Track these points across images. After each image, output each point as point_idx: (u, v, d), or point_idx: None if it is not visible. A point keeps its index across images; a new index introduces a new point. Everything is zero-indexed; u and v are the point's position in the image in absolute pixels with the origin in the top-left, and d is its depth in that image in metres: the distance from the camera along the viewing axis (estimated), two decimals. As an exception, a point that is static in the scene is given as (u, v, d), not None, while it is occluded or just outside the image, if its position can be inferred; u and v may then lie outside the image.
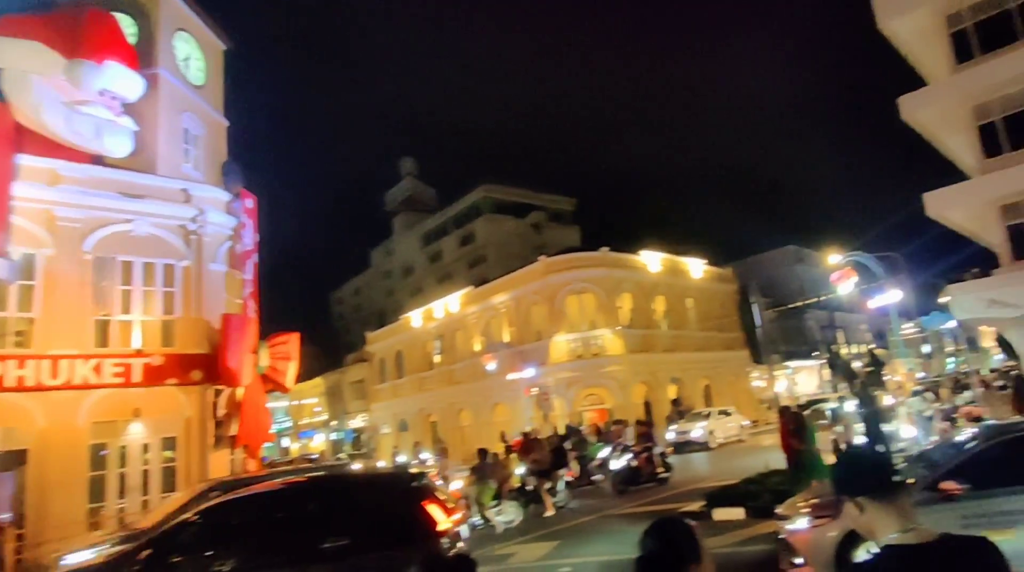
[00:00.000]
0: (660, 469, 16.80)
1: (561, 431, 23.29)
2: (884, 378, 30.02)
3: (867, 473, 1.79)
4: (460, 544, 7.12)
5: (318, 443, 51.69)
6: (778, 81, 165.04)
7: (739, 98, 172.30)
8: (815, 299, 40.89)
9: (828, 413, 21.86)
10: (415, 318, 41.19)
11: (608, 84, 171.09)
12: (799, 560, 6.65)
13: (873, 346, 47.72)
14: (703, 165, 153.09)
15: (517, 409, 29.55)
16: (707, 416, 27.05)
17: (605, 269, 31.45)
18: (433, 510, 6.94)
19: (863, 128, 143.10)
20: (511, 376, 28.57)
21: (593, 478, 17.38)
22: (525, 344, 31.73)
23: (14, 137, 12.88)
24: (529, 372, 27.54)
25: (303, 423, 55.20)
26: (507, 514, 13.33)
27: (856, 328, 52.32)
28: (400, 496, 7.25)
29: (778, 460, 11.70)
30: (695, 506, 11.86)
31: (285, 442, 51.69)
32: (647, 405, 31.32)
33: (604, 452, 18.36)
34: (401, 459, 30.26)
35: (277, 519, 6.86)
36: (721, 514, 10.74)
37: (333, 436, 51.20)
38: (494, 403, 33.53)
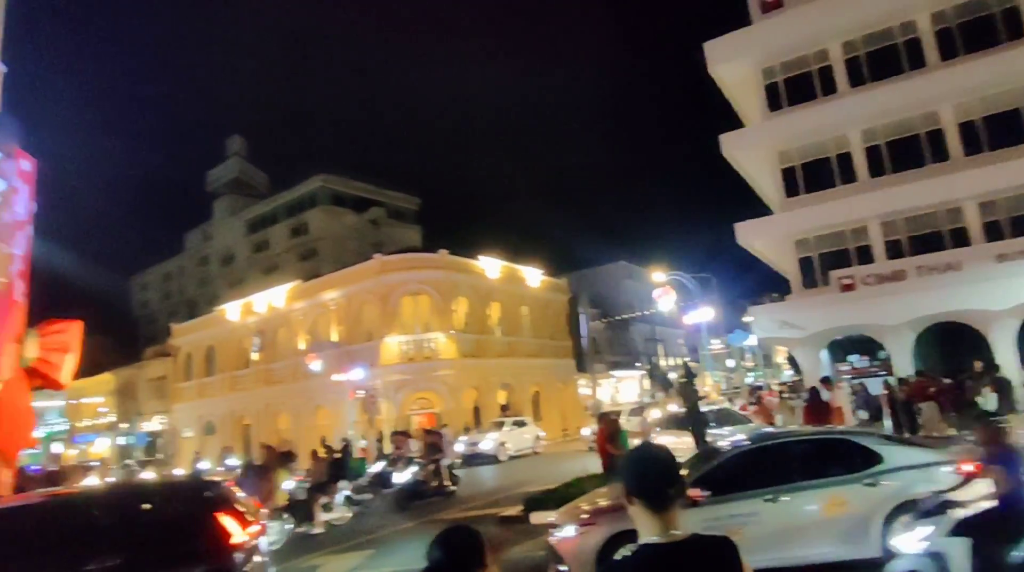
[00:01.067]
0: (448, 483, 16.22)
1: (387, 435, 22.92)
2: (696, 389, 33.57)
3: (651, 478, 1.89)
4: (258, 559, 6.72)
5: (101, 448, 45.84)
6: (624, 111, 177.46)
7: (590, 122, 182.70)
8: (640, 313, 44.34)
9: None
10: (232, 311, 38.17)
11: (462, 90, 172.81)
12: (563, 568, 6.97)
13: (688, 359, 52.88)
14: (550, 179, 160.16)
15: (341, 412, 28.51)
16: (500, 426, 26.23)
17: (443, 271, 31.50)
18: (227, 522, 6.44)
19: (698, 158, 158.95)
20: (336, 377, 27.46)
21: (358, 498, 15.38)
22: (354, 344, 30.82)
23: None
24: (357, 373, 26.66)
25: (83, 425, 48.41)
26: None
27: (674, 342, 57.28)
28: (188, 507, 6.75)
29: (596, 465, 12.20)
30: (514, 511, 12.19)
31: (57, 448, 45.23)
32: (476, 410, 31.80)
33: (377, 467, 17.64)
34: (203, 466, 27.93)
35: (29, 540, 6.05)
36: (537, 517, 11.13)
37: (121, 440, 45.53)
38: (316, 405, 32.16)
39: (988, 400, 15.53)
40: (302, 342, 33.65)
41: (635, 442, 13.19)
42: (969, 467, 5.66)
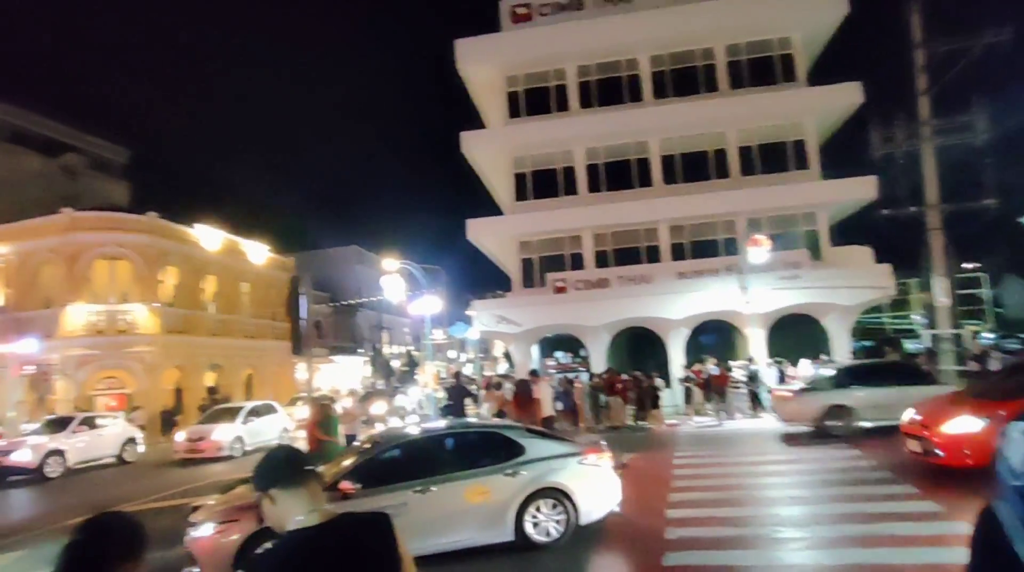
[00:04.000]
0: None
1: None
2: (416, 377, 35.10)
3: (279, 466, 1.95)
4: None
5: None
6: (368, 97, 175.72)
7: (338, 106, 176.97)
8: (367, 299, 45.30)
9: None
10: None
11: (197, 47, 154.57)
12: (195, 570, 6.96)
13: (412, 348, 55.05)
14: (287, 157, 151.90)
15: (1, 390, 24.62)
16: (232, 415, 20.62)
17: (150, 236, 28.89)
18: None
19: (438, 153, 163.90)
20: (-1, 348, 23.66)
21: None
22: (26, 310, 26.68)
23: None
24: (27, 345, 23.27)
25: None
26: None
27: (400, 330, 59.47)
28: None
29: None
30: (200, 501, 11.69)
31: None
32: (178, 392, 29.85)
33: None
34: None
35: None
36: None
37: None
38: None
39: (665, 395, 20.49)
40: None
41: (355, 429, 13.85)
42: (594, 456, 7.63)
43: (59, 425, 19.07)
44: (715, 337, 23.99)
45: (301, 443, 19.78)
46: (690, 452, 13.94)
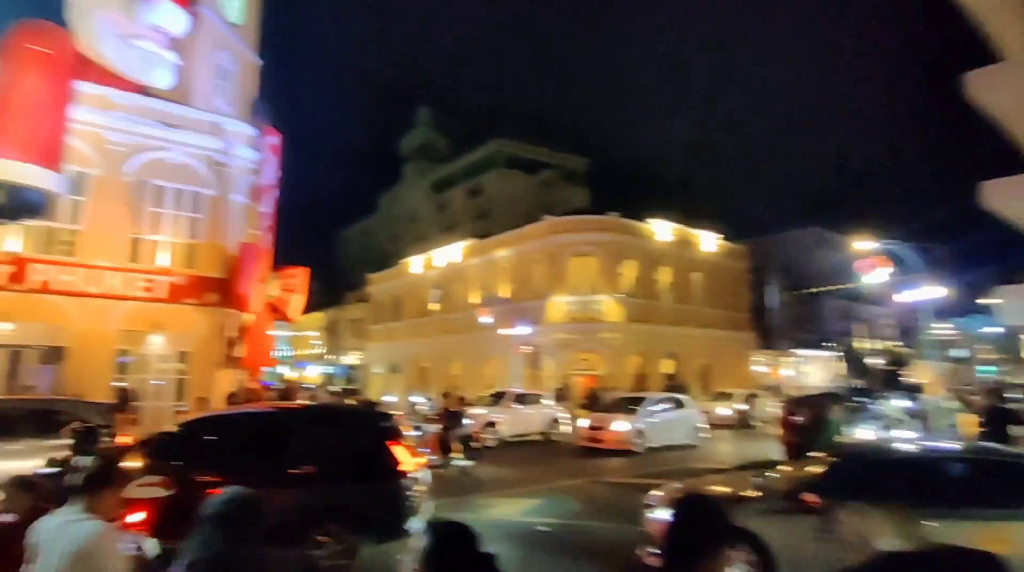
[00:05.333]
0: (455, 455, 14.97)
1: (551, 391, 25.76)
2: (902, 380, 29.47)
3: (868, 477, 2.24)
4: (421, 487, 7.86)
5: (313, 374, 55.67)
6: (811, 46, 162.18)
7: (771, 62, 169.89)
8: (838, 286, 41.92)
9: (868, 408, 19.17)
10: (415, 264, 44.08)
11: (633, 48, 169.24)
12: (655, 550, 6.66)
13: (896, 343, 48.55)
14: (730, 135, 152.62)
15: (507, 365, 32.25)
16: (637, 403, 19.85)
17: (611, 234, 33.49)
18: (398, 451, 7.69)
19: (913, 104, 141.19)
20: (504, 331, 31.10)
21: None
22: (522, 301, 34.09)
23: (74, 64, 15.34)
24: (524, 329, 29.95)
25: (300, 353, 59.77)
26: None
27: (877, 321, 53.66)
28: (368, 433, 8.07)
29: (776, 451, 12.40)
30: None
31: (283, 369, 55.97)
32: (640, 377, 33.24)
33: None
34: (389, 399, 33.35)
35: (250, 441, 7.70)
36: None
37: (328, 370, 55.62)
38: (486, 356, 36.20)
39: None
40: (475, 296, 38.08)
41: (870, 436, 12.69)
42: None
43: (496, 399, 21.38)
44: None
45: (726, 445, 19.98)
46: None
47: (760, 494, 6.86)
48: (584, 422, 19.68)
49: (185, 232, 17.88)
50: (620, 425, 18.49)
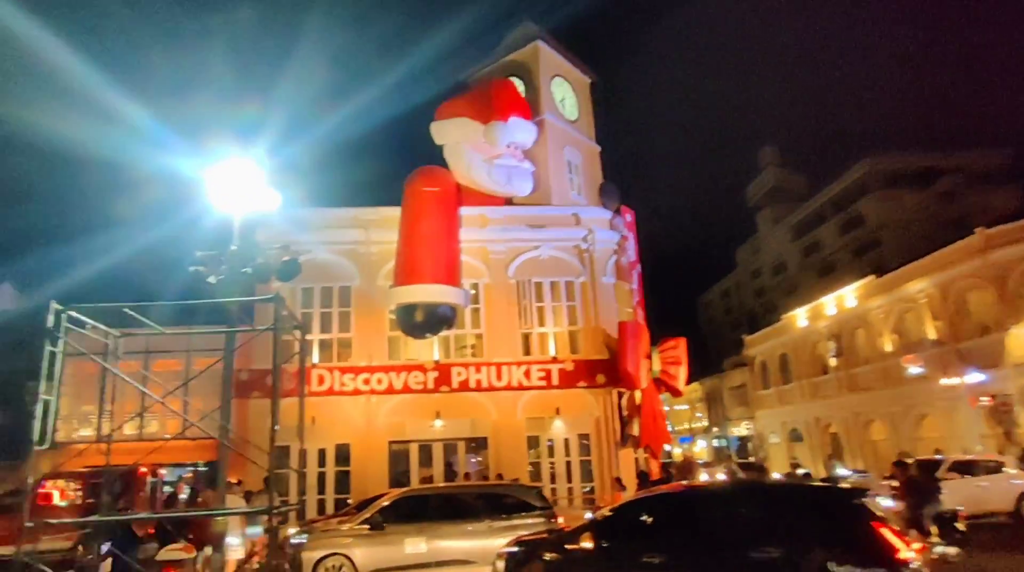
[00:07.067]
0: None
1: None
2: None
3: None
4: None
5: (699, 448, 54.27)
6: None
7: None
8: None
9: None
10: (800, 317, 40.42)
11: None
12: None
13: None
14: None
15: (956, 422, 26.61)
16: None
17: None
18: (887, 534, 6.68)
19: None
20: (946, 381, 25.78)
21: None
22: (961, 341, 27.95)
23: (457, 195, 18.11)
24: (975, 377, 24.37)
25: (681, 428, 58.97)
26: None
27: None
28: (841, 513, 7.13)
29: None
30: None
31: (666, 446, 56.24)
32: None
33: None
34: (803, 472, 30.17)
35: (702, 521, 7.38)
36: None
37: (715, 443, 53.42)
38: (919, 414, 30.58)
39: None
40: (888, 343, 32.88)
41: None
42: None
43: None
44: None
45: None
46: None
47: None
48: None
49: (565, 320, 19.20)
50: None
